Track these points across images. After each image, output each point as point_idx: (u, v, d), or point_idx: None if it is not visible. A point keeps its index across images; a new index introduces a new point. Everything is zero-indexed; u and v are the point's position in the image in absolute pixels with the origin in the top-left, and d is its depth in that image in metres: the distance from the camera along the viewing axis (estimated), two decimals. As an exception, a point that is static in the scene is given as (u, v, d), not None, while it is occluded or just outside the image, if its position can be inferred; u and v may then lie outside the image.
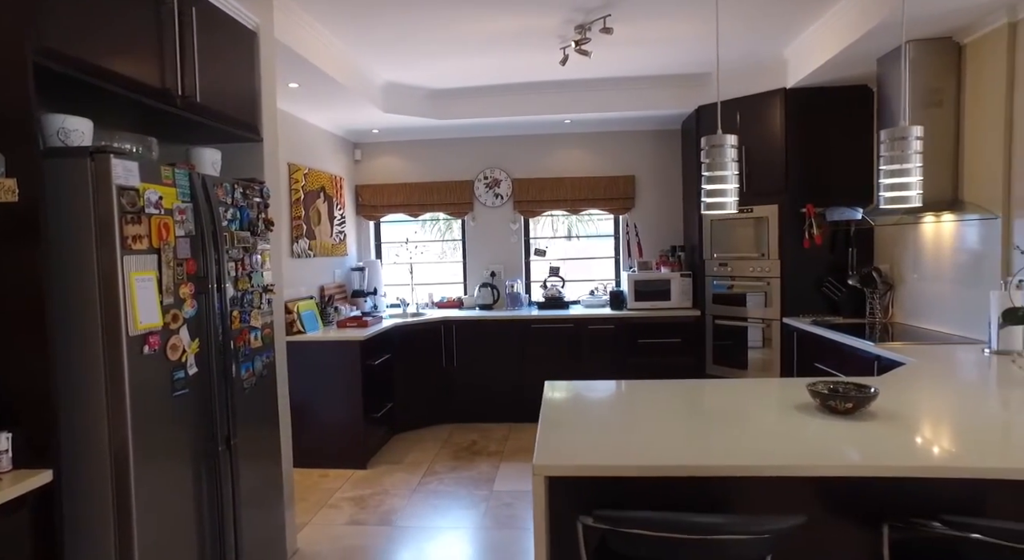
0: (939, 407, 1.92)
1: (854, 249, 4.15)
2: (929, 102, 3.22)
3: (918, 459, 1.49)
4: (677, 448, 1.61)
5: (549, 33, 3.59)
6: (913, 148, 1.82)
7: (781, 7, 3.29)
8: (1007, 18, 2.84)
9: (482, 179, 5.49)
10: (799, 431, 1.71)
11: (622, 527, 1.37)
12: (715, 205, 1.96)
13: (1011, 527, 1.26)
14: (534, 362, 4.86)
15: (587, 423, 1.87)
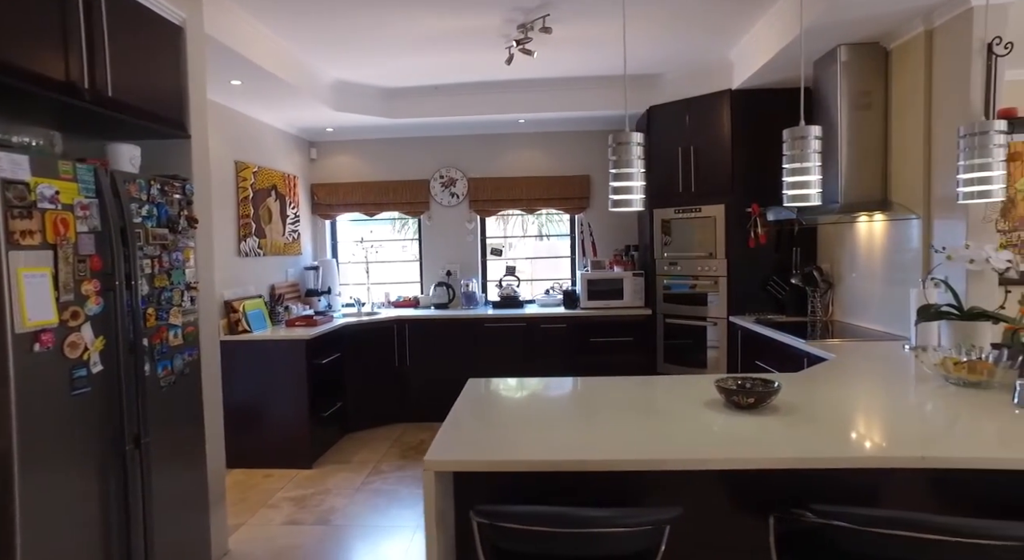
0: (840, 401, 1.97)
1: (798, 248, 4.23)
2: (859, 105, 3.29)
3: (803, 451, 1.52)
4: (575, 444, 1.63)
5: (493, 32, 3.60)
6: (812, 148, 1.86)
7: (720, 10, 3.34)
8: (923, 26, 2.92)
9: (438, 178, 5.48)
10: (700, 426, 1.74)
11: (500, 522, 1.38)
12: (621, 202, 1.98)
13: (871, 513, 1.30)
14: (487, 361, 4.86)
15: (496, 419, 1.88)
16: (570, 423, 1.81)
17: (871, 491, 1.75)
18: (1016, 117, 2.59)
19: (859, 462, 1.47)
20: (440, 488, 1.65)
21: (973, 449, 1.52)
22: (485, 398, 2.13)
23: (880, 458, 1.48)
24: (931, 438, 1.60)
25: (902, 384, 2.19)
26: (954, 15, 2.75)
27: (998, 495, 1.71)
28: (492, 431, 1.76)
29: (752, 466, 1.48)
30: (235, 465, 3.95)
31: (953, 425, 1.71)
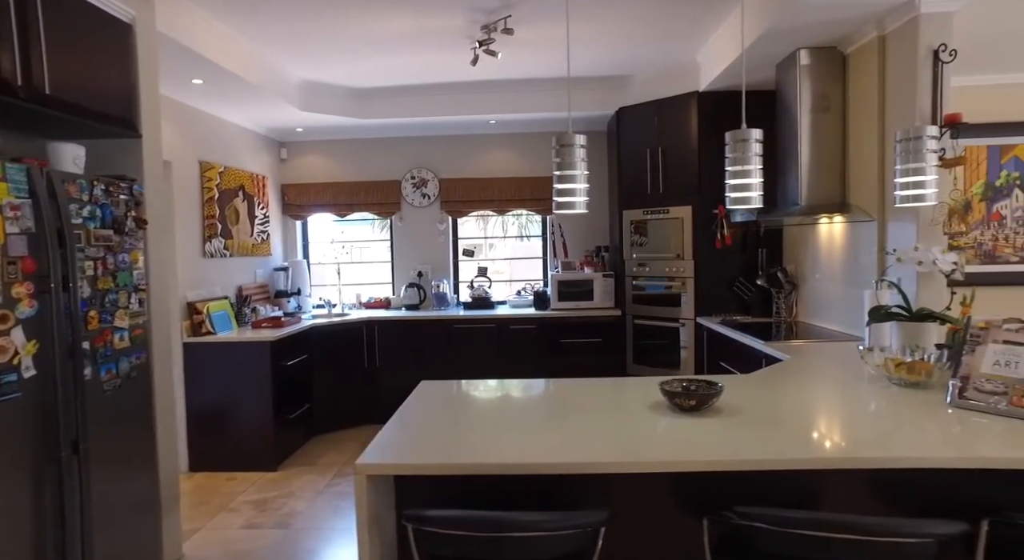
0: (783, 403, 1.98)
1: (764, 250, 4.26)
2: (819, 108, 3.33)
3: (734, 454, 1.52)
4: (515, 446, 1.62)
5: (457, 33, 3.59)
6: (753, 151, 1.87)
7: (683, 13, 3.36)
8: (876, 31, 2.96)
9: (409, 179, 5.46)
10: (641, 429, 1.74)
11: (427, 527, 1.37)
12: (565, 205, 1.98)
13: (787, 514, 1.31)
14: (457, 362, 4.85)
15: (440, 421, 1.87)
16: (514, 425, 1.80)
17: (813, 491, 1.77)
18: (960, 123, 2.63)
19: (782, 464, 1.48)
20: (377, 492, 1.64)
21: (902, 449, 1.54)
22: (434, 400, 2.12)
23: (804, 459, 1.49)
24: (863, 439, 1.62)
25: (847, 385, 2.21)
26: (904, 22, 2.79)
27: (935, 493, 1.74)
28: (433, 434, 1.75)
29: (679, 469, 1.49)
30: (198, 468, 3.90)
31: (886, 425, 1.73)
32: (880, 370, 2.20)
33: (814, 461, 1.49)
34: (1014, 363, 1.82)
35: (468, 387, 2.31)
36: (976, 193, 4.03)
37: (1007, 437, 1.60)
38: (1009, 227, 4.02)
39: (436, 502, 1.83)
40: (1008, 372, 1.82)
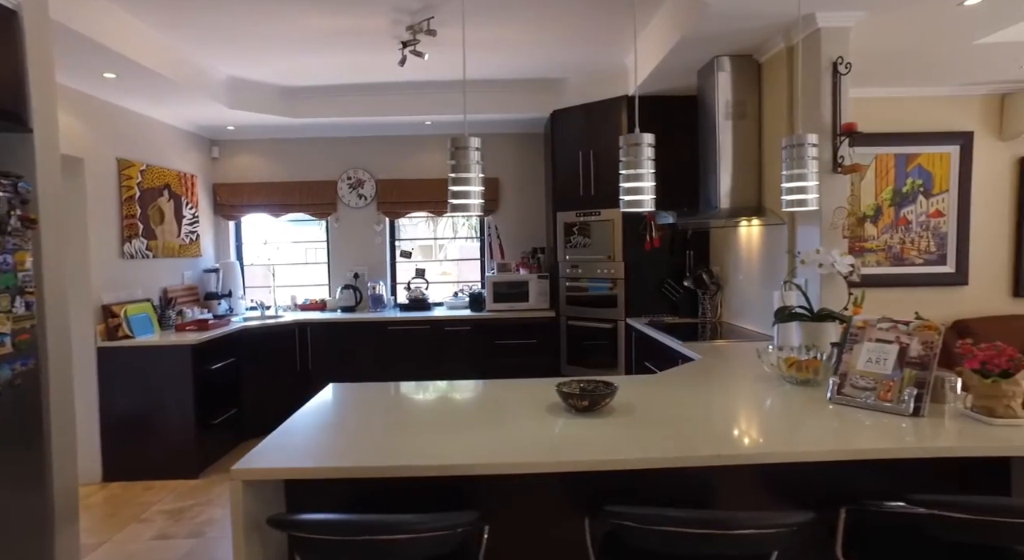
0: (677, 402, 2.03)
1: (691, 251, 4.37)
2: (736, 114, 3.43)
3: (615, 453, 1.55)
4: (407, 448, 1.61)
5: (383, 34, 3.56)
6: (645, 154, 1.92)
7: (604, 18, 3.41)
8: (784, 43, 3.08)
9: (345, 180, 5.39)
10: (533, 430, 1.76)
11: (295, 532, 1.35)
12: (460, 206, 1.99)
13: (652, 513, 1.34)
14: (392, 364, 4.81)
15: (335, 425, 1.85)
16: (408, 428, 1.80)
17: (707, 488, 1.82)
18: (856, 132, 2.76)
19: (660, 463, 1.52)
20: (262, 498, 1.61)
21: (779, 444, 1.59)
22: (336, 403, 2.10)
23: (680, 458, 1.53)
24: (746, 436, 1.67)
25: (744, 384, 2.28)
26: (807, 34, 2.90)
27: (816, 483, 1.81)
28: (324, 437, 1.73)
29: (555, 469, 1.51)
30: (113, 478, 3.76)
31: (770, 423, 1.79)
32: (774, 369, 2.28)
33: (689, 459, 1.53)
34: (882, 360, 1.91)
35: (374, 389, 2.29)
36: (886, 199, 4.23)
37: (874, 429, 1.69)
38: (914, 231, 4.23)
39: (329, 506, 1.81)
40: (877, 369, 1.91)
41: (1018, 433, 1.64)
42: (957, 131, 4.18)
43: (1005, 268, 4.25)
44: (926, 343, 1.87)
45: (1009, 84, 4.05)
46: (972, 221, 4.21)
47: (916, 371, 1.84)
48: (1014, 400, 1.69)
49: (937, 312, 4.24)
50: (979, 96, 4.16)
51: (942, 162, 4.22)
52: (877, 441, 1.60)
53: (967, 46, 3.27)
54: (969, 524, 1.36)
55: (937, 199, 4.24)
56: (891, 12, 2.79)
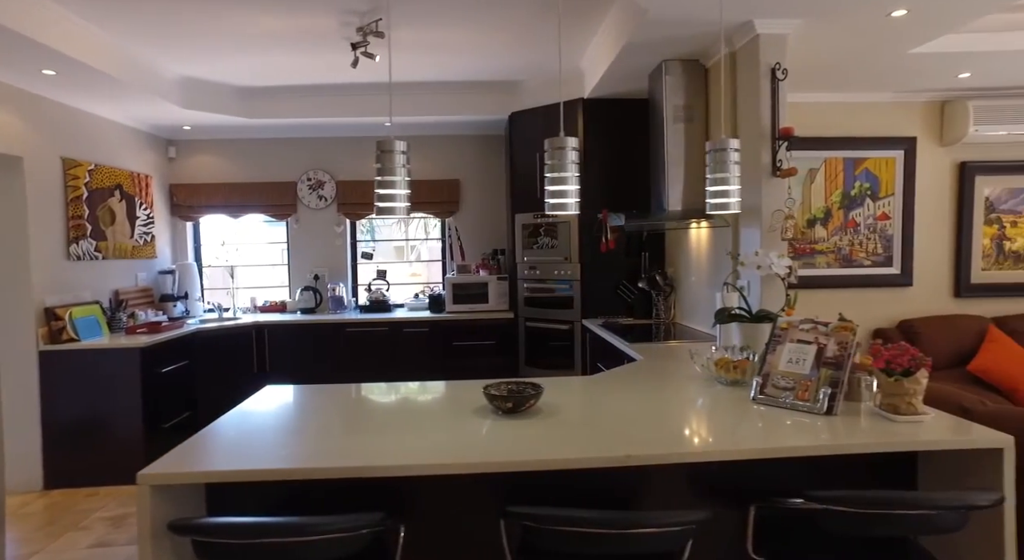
0: (605, 403, 2.05)
1: (647, 253, 4.42)
2: (684, 117, 3.49)
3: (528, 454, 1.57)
4: (319, 451, 1.61)
5: (334, 35, 3.54)
6: (569, 158, 1.94)
7: (554, 22, 3.44)
8: (727, 48, 3.13)
9: (305, 181, 5.35)
10: (455, 431, 1.77)
11: (192, 535, 1.34)
12: (386, 210, 2.00)
13: (549, 513, 1.36)
14: (351, 366, 4.79)
15: (261, 427, 1.84)
16: (336, 429, 1.79)
17: (633, 487, 1.85)
18: (792, 136, 2.82)
19: (561, 464, 1.54)
20: (176, 502, 1.60)
21: (693, 444, 1.62)
22: (268, 405, 2.09)
23: (583, 459, 1.55)
24: (664, 436, 1.69)
25: (677, 384, 2.31)
26: (747, 40, 2.96)
27: (740, 483, 1.85)
28: (247, 440, 1.72)
29: (462, 470, 1.52)
30: (55, 485, 3.68)
31: (690, 423, 1.82)
32: (705, 370, 2.32)
33: (597, 459, 1.56)
34: (802, 360, 1.96)
35: (312, 392, 2.28)
36: (835, 202, 4.33)
37: (788, 428, 1.73)
38: (863, 233, 4.34)
39: (252, 510, 1.80)
40: (796, 369, 1.96)
41: (918, 428, 1.69)
42: (901, 136, 4.29)
43: (946, 270, 4.38)
44: (841, 344, 1.92)
45: (947, 92, 4.17)
46: (916, 224, 4.33)
47: (831, 371, 1.89)
48: (915, 397, 1.74)
49: (884, 312, 4.35)
50: (921, 103, 4.27)
51: (888, 166, 4.33)
52: (787, 440, 1.64)
53: (903, 55, 3.37)
54: (858, 517, 1.40)
55: (883, 202, 4.35)
56: (824, 21, 2.86)
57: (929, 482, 1.87)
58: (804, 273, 4.31)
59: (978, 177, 4.32)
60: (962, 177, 4.33)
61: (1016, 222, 4.35)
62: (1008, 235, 4.36)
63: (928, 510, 1.38)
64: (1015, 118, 4.05)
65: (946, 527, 1.44)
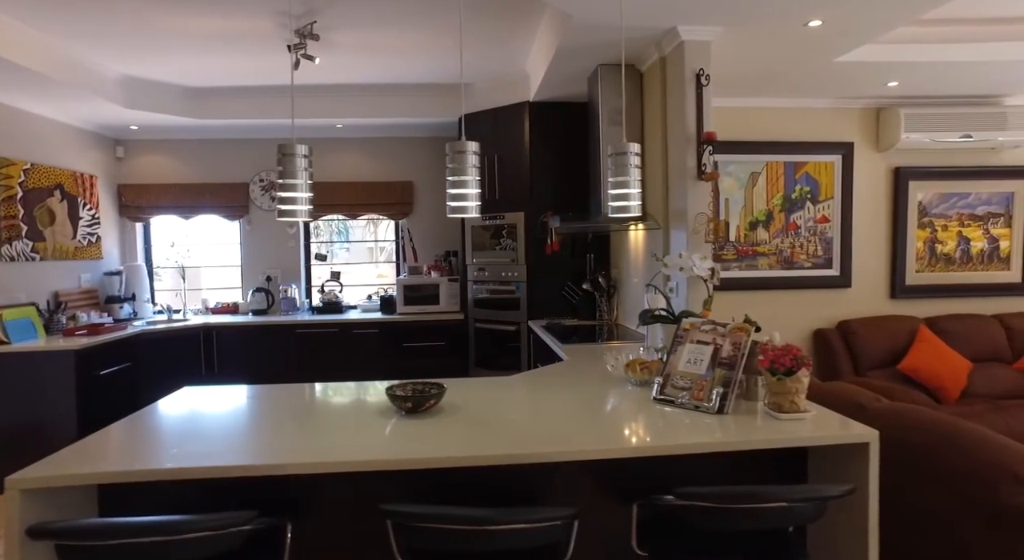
0: (512, 403, 2.09)
1: (592, 255, 4.47)
2: (617, 121, 3.54)
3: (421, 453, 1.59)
4: (212, 451, 1.62)
5: (272, 36, 3.54)
6: (470, 162, 1.97)
7: (491, 25, 3.48)
8: (658, 54, 3.19)
9: (258, 181, 5.32)
10: (354, 430, 1.78)
11: (55, 539, 1.34)
12: (287, 213, 2.01)
13: (416, 510, 1.39)
14: (301, 367, 4.78)
15: (156, 430, 1.84)
16: (239, 429, 1.80)
17: (534, 484, 1.88)
18: (714, 140, 2.89)
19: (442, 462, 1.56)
20: (59, 506, 1.59)
21: (581, 443, 1.65)
22: (178, 407, 2.08)
23: (466, 458, 1.58)
24: (557, 434, 1.72)
25: (589, 385, 2.34)
26: (673, 47, 3.02)
27: (629, 478, 1.89)
28: (142, 441, 1.72)
29: (344, 469, 1.54)
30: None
31: (586, 421, 1.85)
32: (614, 370, 2.37)
33: (480, 459, 1.58)
34: (699, 361, 2.01)
35: (226, 392, 2.28)
36: (776, 205, 4.42)
37: (679, 427, 1.77)
38: (803, 236, 4.44)
39: (148, 511, 1.80)
40: (694, 369, 2.01)
41: (799, 426, 1.75)
42: (839, 141, 4.40)
43: (883, 272, 4.49)
44: (736, 344, 1.97)
45: (881, 99, 4.29)
46: (855, 227, 4.44)
47: (725, 371, 1.95)
48: (798, 396, 1.80)
49: (824, 313, 4.46)
50: (858, 109, 4.39)
51: (827, 170, 4.44)
52: (670, 438, 1.68)
53: (830, 63, 3.46)
54: (719, 512, 1.45)
55: (823, 205, 4.45)
56: (746, 29, 2.93)
57: (817, 475, 1.93)
58: (746, 275, 4.41)
59: (911, 182, 4.45)
60: (897, 182, 4.45)
61: (947, 226, 4.49)
62: (939, 238, 4.49)
63: (783, 503, 1.43)
64: (940, 126, 4.18)
65: (805, 518, 1.50)
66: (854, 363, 4.25)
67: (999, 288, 4.48)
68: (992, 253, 4.50)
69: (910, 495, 1.90)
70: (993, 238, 4.49)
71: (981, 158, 4.43)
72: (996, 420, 3.50)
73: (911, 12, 2.78)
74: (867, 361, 4.20)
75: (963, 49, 3.49)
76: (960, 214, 4.50)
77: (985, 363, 4.11)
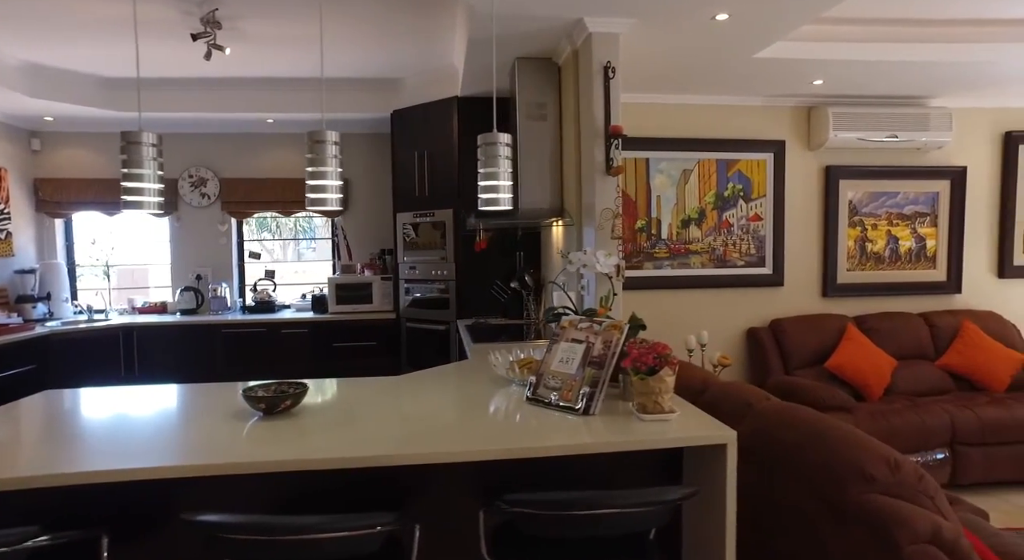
0: (381, 404, 1.99)
1: (521, 252, 4.40)
2: (536, 116, 3.47)
3: (266, 456, 1.49)
4: (63, 458, 1.50)
5: (179, 24, 3.39)
6: (329, 152, 1.88)
7: (406, 20, 3.38)
8: (571, 47, 3.13)
9: (187, 178, 5.15)
10: (206, 433, 1.68)
11: None
12: (133, 203, 1.90)
13: (229, 521, 1.29)
14: (227, 369, 4.63)
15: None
16: (79, 433, 1.68)
17: (407, 486, 1.79)
18: (621, 134, 2.83)
19: (271, 466, 1.47)
20: None
21: (432, 445, 1.57)
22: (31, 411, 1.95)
23: (297, 461, 1.49)
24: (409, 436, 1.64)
25: (474, 386, 2.25)
26: (584, 38, 2.96)
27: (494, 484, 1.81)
28: None
29: (164, 475, 1.44)
30: None
31: (449, 423, 1.77)
32: (497, 369, 2.29)
33: (311, 463, 1.49)
34: (571, 360, 1.94)
35: (92, 395, 2.15)
36: (709, 202, 4.39)
37: (541, 429, 1.69)
38: (736, 234, 4.42)
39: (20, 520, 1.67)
40: (565, 368, 1.94)
41: (663, 427, 1.68)
42: (771, 139, 4.39)
43: (816, 270, 4.49)
44: (607, 342, 1.91)
45: (812, 98, 4.28)
46: (787, 225, 4.43)
47: (594, 370, 1.88)
48: (661, 396, 1.74)
49: (757, 312, 4.44)
50: (789, 107, 4.38)
51: (759, 168, 4.42)
52: (521, 441, 1.60)
53: (750, 59, 3.43)
54: (548, 520, 1.37)
55: (756, 203, 4.44)
56: (654, 21, 2.87)
57: (692, 475, 1.88)
58: (679, 273, 4.37)
59: (842, 181, 4.46)
60: (828, 181, 4.45)
61: (876, 225, 4.50)
62: (870, 237, 4.50)
63: (617, 509, 1.36)
64: (868, 125, 4.19)
65: (649, 522, 1.43)
66: (784, 361, 4.23)
67: (926, 287, 4.51)
68: (919, 252, 4.53)
69: (779, 493, 1.85)
70: (920, 237, 4.52)
71: (908, 158, 4.46)
72: (911, 416, 3.50)
73: (813, 9, 2.75)
74: (797, 359, 4.19)
75: (884, 49, 3.49)
76: (889, 213, 4.52)
77: (910, 360, 4.12)
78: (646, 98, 4.20)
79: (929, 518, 1.40)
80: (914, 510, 1.42)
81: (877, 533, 1.46)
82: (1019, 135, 4.45)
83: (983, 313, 4.32)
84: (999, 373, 3.89)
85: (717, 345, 4.27)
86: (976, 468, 3.46)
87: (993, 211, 4.53)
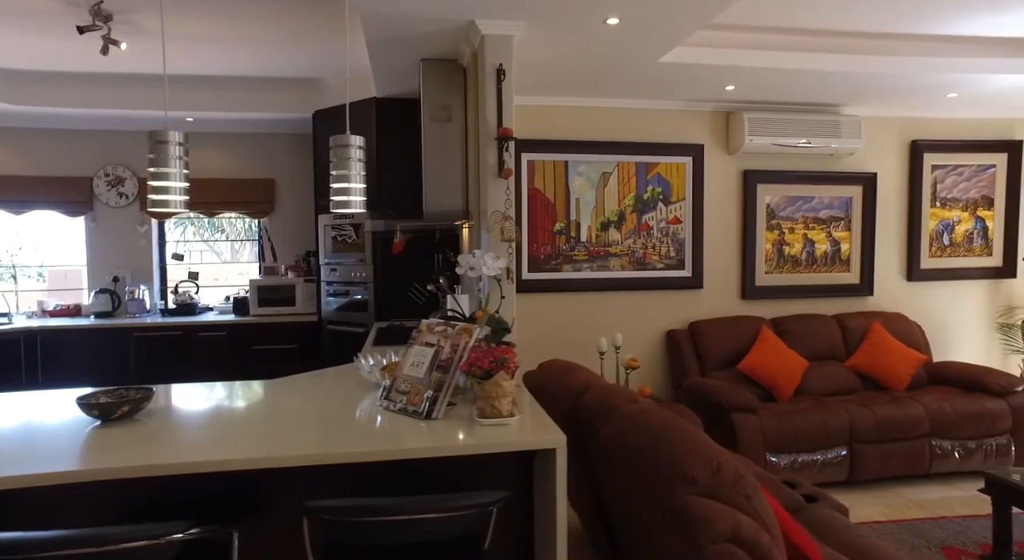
0: (236, 410, 1.95)
1: (439, 254, 4.37)
2: (441, 117, 3.44)
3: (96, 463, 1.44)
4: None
5: (67, 16, 3.28)
6: (172, 153, 1.84)
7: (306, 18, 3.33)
8: (469, 48, 3.12)
9: (103, 176, 5.00)
10: (43, 442, 1.62)
11: None
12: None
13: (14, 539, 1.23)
14: (139, 373, 4.49)
15: None
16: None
17: (274, 488, 1.74)
18: (511, 137, 2.83)
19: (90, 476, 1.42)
20: None
21: (264, 450, 1.53)
22: None
23: (109, 470, 1.44)
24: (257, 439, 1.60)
25: (341, 390, 2.22)
26: (479, 39, 2.95)
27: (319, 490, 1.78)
28: None
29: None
30: None
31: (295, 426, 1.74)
32: (363, 372, 2.26)
33: (139, 469, 1.45)
34: (421, 364, 1.92)
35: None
36: (628, 205, 4.43)
37: (380, 434, 1.67)
38: (655, 237, 4.46)
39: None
40: (416, 372, 1.92)
41: (499, 432, 1.67)
42: (690, 143, 4.44)
43: (734, 273, 4.56)
44: (455, 346, 1.89)
45: (729, 103, 4.35)
46: (706, 229, 4.49)
47: (440, 374, 1.86)
48: (498, 400, 1.73)
49: (677, 314, 4.48)
50: (708, 112, 4.44)
51: (679, 172, 4.47)
52: (358, 444, 1.58)
53: (655, 63, 3.45)
54: (355, 526, 1.35)
55: (675, 207, 4.48)
56: (546, 24, 2.87)
57: (541, 478, 1.87)
58: (598, 276, 4.39)
59: (759, 185, 4.53)
60: (746, 185, 4.52)
61: (793, 229, 4.59)
62: (787, 240, 4.59)
63: (420, 515, 1.34)
64: (781, 131, 4.27)
65: (463, 528, 1.42)
66: (701, 363, 4.28)
67: (840, 289, 4.61)
68: (834, 255, 4.63)
69: (631, 494, 1.86)
70: (835, 241, 4.62)
71: (823, 164, 4.55)
72: (814, 417, 3.57)
73: (703, 15, 2.78)
74: (713, 361, 4.24)
75: (794, 57, 3.55)
76: (805, 217, 4.61)
77: (821, 361, 4.21)
78: (563, 101, 4.22)
79: (731, 517, 1.42)
80: (718, 509, 1.44)
81: (687, 533, 1.47)
82: (924, 143, 4.59)
83: (892, 314, 4.44)
84: (900, 373, 4.00)
85: (636, 348, 4.30)
86: (872, 465, 3.54)
87: (902, 216, 4.66)
